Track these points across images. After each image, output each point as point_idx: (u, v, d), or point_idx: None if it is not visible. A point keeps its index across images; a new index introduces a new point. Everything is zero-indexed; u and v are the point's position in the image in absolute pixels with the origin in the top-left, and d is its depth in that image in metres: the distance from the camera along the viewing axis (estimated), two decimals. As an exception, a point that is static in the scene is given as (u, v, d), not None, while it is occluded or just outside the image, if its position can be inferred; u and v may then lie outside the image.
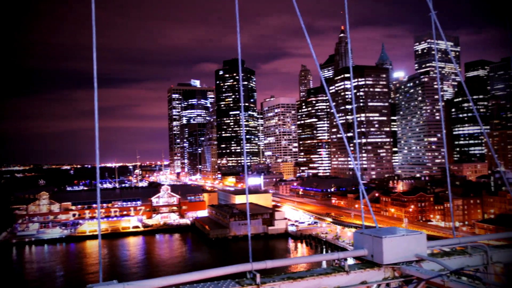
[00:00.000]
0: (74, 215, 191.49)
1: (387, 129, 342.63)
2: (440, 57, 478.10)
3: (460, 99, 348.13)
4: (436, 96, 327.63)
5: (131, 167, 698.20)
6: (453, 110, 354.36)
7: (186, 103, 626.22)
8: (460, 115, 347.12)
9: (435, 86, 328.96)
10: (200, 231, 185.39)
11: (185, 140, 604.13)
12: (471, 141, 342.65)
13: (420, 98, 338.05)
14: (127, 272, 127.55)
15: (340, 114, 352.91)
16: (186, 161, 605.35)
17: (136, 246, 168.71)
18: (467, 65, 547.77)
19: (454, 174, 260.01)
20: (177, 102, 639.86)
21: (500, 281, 12.40)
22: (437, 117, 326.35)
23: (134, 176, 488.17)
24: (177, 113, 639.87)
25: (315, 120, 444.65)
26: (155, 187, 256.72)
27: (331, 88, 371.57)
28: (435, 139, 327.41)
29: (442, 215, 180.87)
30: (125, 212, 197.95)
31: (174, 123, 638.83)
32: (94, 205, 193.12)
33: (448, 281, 10.42)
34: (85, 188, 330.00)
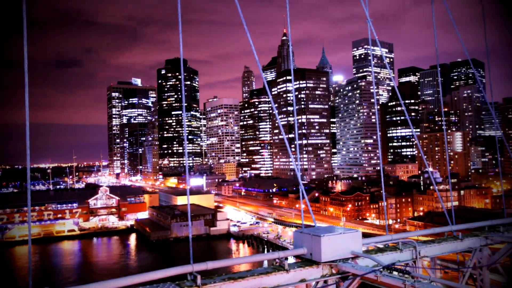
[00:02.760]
0: (1, 219, 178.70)
1: (327, 130, 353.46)
2: (376, 62, 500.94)
3: (393, 103, 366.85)
4: (373, 100, 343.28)
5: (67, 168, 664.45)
6: (387, 113, 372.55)
7: (126, 102, 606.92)
8: (394, 118, 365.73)
9: (371, 90, 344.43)
10: (140, 233, 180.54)
11: (125, 140, 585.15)
12: (404, 143, 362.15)
13: (357, 101, 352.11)
14: (61, 279, 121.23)
15: (281, 116, 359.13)
16: (126, 161, 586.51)
17: (71, 251, 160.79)
18: (400, 71, 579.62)
19: (388, 174, 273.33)
20: (117, 101, 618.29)
21: (427, 274, 13.23)
22: (373, 120, 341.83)
23: (70, 177, 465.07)
24: (117, 112, 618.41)
25: (258, 121, 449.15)
26: (92, 189, 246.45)
27: (273, 89, 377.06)
28: (371, 141, 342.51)
29: (377, 213, 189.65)
30: (59, 215, 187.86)
31: (114, 122, 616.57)
32: (25, 208, 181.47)
33: (381, 276, 10.98)
34: (15, 191, 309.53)
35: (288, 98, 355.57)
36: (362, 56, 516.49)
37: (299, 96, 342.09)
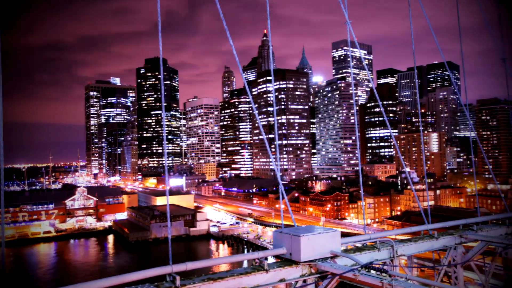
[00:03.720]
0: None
1: (307, 131, 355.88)
2: (355, 64, 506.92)
3: (372, 104, 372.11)
4: (352, 101, 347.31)
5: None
6: (366, 114, 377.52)
7: (105, 101, 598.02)
8: (373, 119, 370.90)
9: (351, 91, 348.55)
10: (119, 234, 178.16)
11: (103, 140, 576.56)
12: (382, 144, 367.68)
13: (337, 102, 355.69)
14: (36, 282, 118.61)
15: (262, 116, 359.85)
16: (104, 161, 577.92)
17: (47, 253, 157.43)
18: (379, 73, 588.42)
19: (367, 174, 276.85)
20: (95, 100, 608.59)
21: (404, 273, 13.48)
22: (352, 121, 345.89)
23: (46, 178, 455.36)
24: (95, 112, 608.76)
25: (238, 121, 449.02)
26: (70, 189, 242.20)
27: (253, 90, 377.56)
28: (350, 141, 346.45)
29: (356, 213, 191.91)
30: (35, 217, 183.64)
31: (92, 122, 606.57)
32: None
33: (359, 274, 11.14)
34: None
35: (268, 99, 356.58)
36: (342, 57, 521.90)
37: (279, 96, 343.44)
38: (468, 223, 18.27)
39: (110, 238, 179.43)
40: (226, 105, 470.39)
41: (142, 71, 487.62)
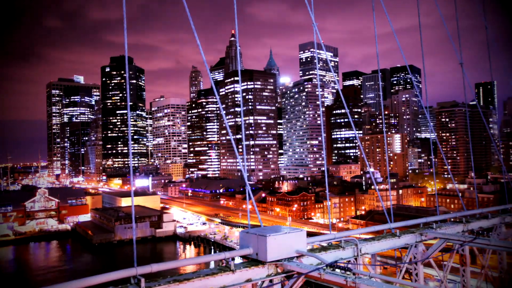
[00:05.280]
0: None
1: (274, 132, 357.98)
2: (321, 66, 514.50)
3: (338, 105, 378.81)
4: (318, 102, 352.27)
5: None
6: (332, 115, 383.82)
7: (68, 100, 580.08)
8: (338, 120, 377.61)
9: (317, 93, 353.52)
10: (82, 236, 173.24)
11: (66, 139, 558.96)
12: (347, 144, 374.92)
13: (303, 103, 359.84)
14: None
15: (229, 116, 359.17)
16: (67, 162, 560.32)
17: (4, 257, 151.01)
18: (344, 75, 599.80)
19: (332, 174, 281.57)
20: (57, 98, 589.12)
21: (368, 271, 13.81)
22: (319, 122, 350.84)
23: (4, 178, 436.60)
24: (58, 111, 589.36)
25: (205, 121, 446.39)
26: (29, 191, 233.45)
27: (221, 90, 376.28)
28: (316, 142, 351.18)
29: (322, 213, 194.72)
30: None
31: (54, 121, 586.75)
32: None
33: (324, 273, 11.33)
34: None
35: (236, 99, 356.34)
36: (308, 59, 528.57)
37: (247, 97, 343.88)
38: (428, 221, 18.97)
39: (73, 240, 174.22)
40: (193, 105, 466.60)
41: (107, 69, 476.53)
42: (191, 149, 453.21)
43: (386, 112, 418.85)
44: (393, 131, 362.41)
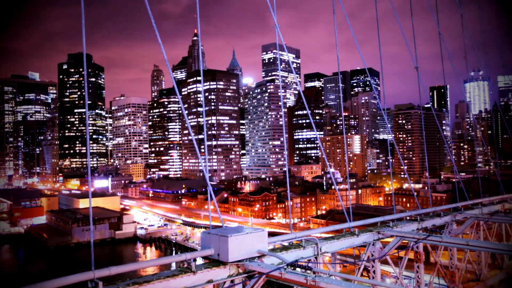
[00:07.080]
0: None
1: (236, 132, 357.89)
2: (283, 67, 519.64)
3: (299, 106, 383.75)
4: (280, 103, 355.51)
5: None
6: (294, 116, 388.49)
7: (21, 97, 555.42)
8: (300, 121, 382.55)
9: (279, 94, 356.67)
10: (37, 239, 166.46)
11: (20, 139, 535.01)
12: (309, 145, 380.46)
13: (266, 104, 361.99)
14: None
15: (191, 116, 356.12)
16: (20, 162, 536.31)
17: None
18: (306, 76, 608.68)
19: (294, 175, 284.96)
20: (10, 95, 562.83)
21: (327, 269, 14.11)
22: (281, 123, 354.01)
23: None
24: (10, 109, 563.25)
25: (167, 121, 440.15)
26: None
27: (183, 90, 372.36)
28: (278, 142, 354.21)
29: (284, 213, 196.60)
30: None
31: (6, 119, 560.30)
32: None
33: (285, 273, 11.48)
34: None
35: (198, 99, 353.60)
36: (271, 60, 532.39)
37: (209, 97, 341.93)
38: (385, 220, 19.62)
39: (26, 244, 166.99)
40: (155, 105, 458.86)
41: (65, 66, 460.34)
42: (153, 149, 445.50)
43: (346, 114, 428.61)
44: (353, 132, 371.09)
